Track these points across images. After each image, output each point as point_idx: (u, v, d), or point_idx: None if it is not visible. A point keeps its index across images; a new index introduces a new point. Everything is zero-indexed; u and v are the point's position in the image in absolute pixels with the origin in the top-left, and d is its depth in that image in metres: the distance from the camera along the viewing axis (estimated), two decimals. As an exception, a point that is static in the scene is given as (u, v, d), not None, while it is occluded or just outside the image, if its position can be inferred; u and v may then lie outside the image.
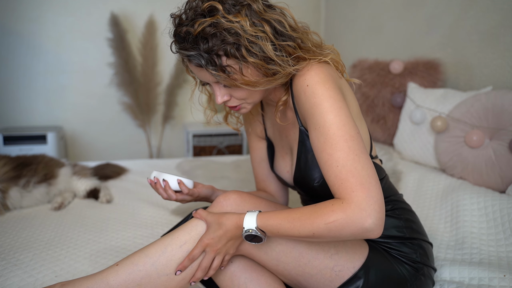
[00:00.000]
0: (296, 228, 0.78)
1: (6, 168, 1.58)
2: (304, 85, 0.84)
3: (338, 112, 0.81)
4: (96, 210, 1.61)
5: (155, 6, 3.24)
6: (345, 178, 0.76)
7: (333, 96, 0.82)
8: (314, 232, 0.77)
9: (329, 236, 0.77)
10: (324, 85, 0.83)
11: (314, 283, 0.90)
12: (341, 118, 0.81)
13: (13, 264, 1.16)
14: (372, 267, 0.90)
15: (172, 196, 1.06)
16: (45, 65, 3.11)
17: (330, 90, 0.83)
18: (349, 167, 0.77)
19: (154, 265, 0.86)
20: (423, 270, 0.95)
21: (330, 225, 0.75)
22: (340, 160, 0.78)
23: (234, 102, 0.92)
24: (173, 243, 0.88)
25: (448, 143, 1.61)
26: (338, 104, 0.82)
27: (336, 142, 0.79)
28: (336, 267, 0.89)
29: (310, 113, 0.84)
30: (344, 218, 0.74)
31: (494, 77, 1.74)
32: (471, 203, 1.35)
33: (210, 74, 0.84)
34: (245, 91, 0.88)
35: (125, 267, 0.86)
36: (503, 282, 1.00)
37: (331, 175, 0.78)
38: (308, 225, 0.77)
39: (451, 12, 2.00)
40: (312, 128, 0.83)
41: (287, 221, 0.80)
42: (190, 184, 1.08)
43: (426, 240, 1.01)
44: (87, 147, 3.33)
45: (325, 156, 0.80)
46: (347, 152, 0.78)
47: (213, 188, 1.14)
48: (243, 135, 3.38)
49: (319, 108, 0.82)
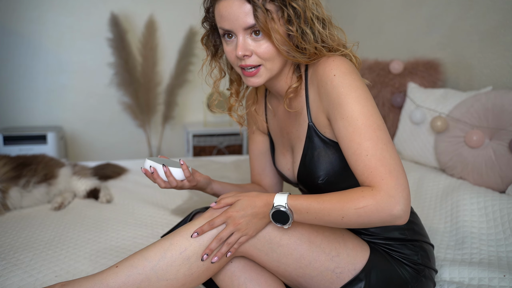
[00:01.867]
0: (326, 211, 0.79)
1: (6, 168, 1.58)
2: (331, 75, 0.85)
3: (365, 103, 0.82)
4: (96, 210, 1.61)
5: (155, 6, 3.24)
6: (374, 167, 0.78)
7: (360, 86, 0.84)
8: (344, 216, 0.78)
9: (357, 222, 0.78)
10: (351, 75, 0.84)
11: (314, 285, 0.90)
12: (368, 109, 0.82)
13: (13, 264, 1.16)
14: (373, 269, 0.90)
15: (173, 182, 0.99)
16: (45, 65, 3.11)
17: (357, 81, 0.84)
18: (378, 156, 0.78)
19: (153, 269, 0.85)
20: (425, 272, 0.95)
21: (360, 210, 0.76)
22: (370, 149, 0.79)
23: (254, 61, 0.88)
24: (172, 249, 0.86)
25: (448, 143, 1.61)
26: (365, 94, 0.83)
27: (365, 132, 0.80)
28: (337, 269, 0.89)
29: (337, 102, 0.84)
30: (374, 204, 0.75)
31: (494, 77, 1.74)
32: (471, 203, 1.35)
33: (251, 11, 0.82)
34: (270, 49, 0.86)
35: (124, 269, 0.85)
36: (503, 282, 1.00)
37: (360, 164, 0.80)
38: (338, 209, 0.78)
39: (451, 12, 2.00)
40: (339, 117, 0.84)
41: (317, 202, 0.80)
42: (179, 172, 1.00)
43: (427, 242, 1.01)
44: (87, 147, 3.34)
45: (353, 146, 0.81)
46: (375, 141, 0.79)
47: (210, 178, 1.09)
48: (244, 135, 3.38)
49: (347, 98, 0.82)
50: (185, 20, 3.30)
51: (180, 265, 0.85)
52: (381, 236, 0.97)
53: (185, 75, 3.32)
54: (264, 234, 0.88)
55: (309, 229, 0.90)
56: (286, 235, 0.88)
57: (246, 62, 0.88)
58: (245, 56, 0.87)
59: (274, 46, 0.86)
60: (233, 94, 1.06)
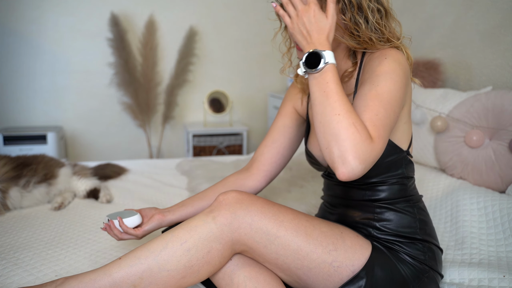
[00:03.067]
0: (337, 96, 0.84)
1: (6, 168, 1.58)
2: (383, 57, 0.92)
3: (397, 87, 0.89)
4: (96, 210, 1.61)
5: (155, 6, 3.24)
6: (376, 125, 0.84)
7: (401, 75, 0.90)
8: (340, 113, 0.82)
9: (342, 129, 0.81)
10: (400, 65, 0.91)
11: (313, 277, 0.91)
12: (395, 94, 0.88)
13: (14, 263, 1.16)
14: (374, 267, 0.90)
15: (118, 235, 1.10)
16: (45, 65, 3.11)
17: (401, 71, 0.90)
18: (383, 121, 0.85)
19: (155, 259, 0.88)
20: (428, 273, 0.95)
21: (354, 128, 0.80)
22: (380, 113, 0.85)
23: None
24: (174, 240, 0.89)
25: (448, 143, 1.61)
26: (400, 83, 0.89)
27: (385, 102, 0.86)
28: (335, 263, 0.90)
29: (376, 74, 0.90)
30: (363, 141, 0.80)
31: (494, 77, 1.74)
32: (471, 203, 1.35)
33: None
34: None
35: (128, 260, 0.89)
36: (502, 282, 1.00)
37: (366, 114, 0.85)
38: (343, 103, 0.83)
39: (451, 12, 2.00)
40: (369, 82, 0.90)
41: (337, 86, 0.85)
42: (132, 221, 1.10)
43: (437, 245, 1.01)
44: (87, 147, 3.34)
45: (369, 104, 0.86)
46: (388, 113, 0.86)
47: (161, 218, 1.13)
48: (243, 134, 3.38)
49: (385, 75, 0.89)
50: (185, 20, 3.30)
51: (181, 256, 0.88)
52: (392, 232, 0.97)
53: (185, 75, 3.32)
54: (261, 226, 0.90)
55: (306, 223, 0.93)
56: (283, 227, 0.90)
57: None
58: None
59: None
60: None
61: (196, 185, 1.84)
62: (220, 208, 0.92)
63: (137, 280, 0.87)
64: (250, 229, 0.90)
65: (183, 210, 1.15)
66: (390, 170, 0.98)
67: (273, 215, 0.92)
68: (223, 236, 0.90)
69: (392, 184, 0.99)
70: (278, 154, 1.18)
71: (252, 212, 0.91)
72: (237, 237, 0.91)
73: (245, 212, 0.91)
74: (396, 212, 0.99)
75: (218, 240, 0.90)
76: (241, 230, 0.90)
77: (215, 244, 0.90)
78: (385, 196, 0.99)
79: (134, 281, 0.87)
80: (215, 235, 0.90)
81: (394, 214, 0.99)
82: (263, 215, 0.91)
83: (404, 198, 1.00)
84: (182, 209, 1.16)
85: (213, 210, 0.93)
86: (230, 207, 0.92)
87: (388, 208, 0.99)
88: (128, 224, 1.09)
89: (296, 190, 1.76)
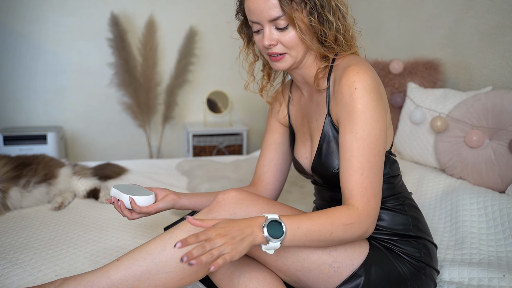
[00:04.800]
0: (317, 227, 0.82)
1: (6, 168, 1.58)
2: (353, 87, 0.90)
3: (375, 125, 0.89)
4: (96, 210, 1.61)
5: (155, 6, 3.24)
6: (365, 188, 0.86)
7: (376, 106, 0.89)
8: (333, 232, 0.83)
9: (343, 237, 0.84)
10: (371, 93, 0.89)
11: (313, 279, 0.91)
12: (376, 132, 0.89)
13: (14, 263, 1.16)
14: (372, 265, 0.91)
15: (128, 216, 1.03)
16: (45, 65, 3.11)
17: (374, 100, 0.89)
18: (371, 179, 0.87)
19: (154, 261, 0.88)
20: (425, 270, 0.95)
21: (348, 227, 0.83)
22: (366, 170, 0.87)
23: (279, 49, 0.95)
24: (172, 242, 0.89)
25: (448, 143, 1.61)
26: (377, 116, 0.89)
27: (367, 153, 0.88)
28: (335, 263, 0.90)
29: (351, 116, 0.89)
30: (359, 222, 0.84)
31: (494, 77, 1.74)
32: (470, 203, 1.35)
33: (277, 4, 0.89)
34: (293, 38, 0.93)
35: (126, 262, 0.88)
36: (502, 282, 1.00)
37: (353, 179, 0.87)
38: (328, 224, 0.83)
39: (451, 12, 2.00)
40: (348, 130, 0.89)
41: (307, 218, 0.83)
42: (147, 200, 1.02)
43: (431, 240, 1.02)
44: (87, 147, 3.34)
45: (353, 161, 0.88)
46: (373, 165, 0.88)
47: (176, 198, 1.08)
48: (243, 134, 3.38)
49: (361, 116, 0.88)
50: (185, 20, 3.30)
51: (179, 257, 0.86)
52: (387, 231, 0.97)
53: (185, 75, 3.32)
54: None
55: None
56: None
57: (272, 50, 0.96)
58: (271, 45, 0.94)
59: (298, 35, 0.93)
60: (265, 76, 1.14)
61: (196, 185, 1.84)
62: (219, 209, 0.92)
63: (135, 282, 0.87)
64: None
65: (197, 198, 1.11)
66: None
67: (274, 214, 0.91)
68: None
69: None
70: (278, 171, 1.19)
71: (252, 213, 0.91)
72: None
73: (245, 213, 0.91)
74: (387, 211, 0.99)
75: None
76: None
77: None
78: None
79: (132, 283, 0.87)
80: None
81: (385, 213, 0.99)
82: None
83: (392, 196, 1.01)
84: (197, 198, 1.11)
85: (211, 210, 0.93)
86: (229, 208, 0.92)
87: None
88: (141, 204, 1.02)
89: (296, 190, 1.76)
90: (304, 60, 1.00)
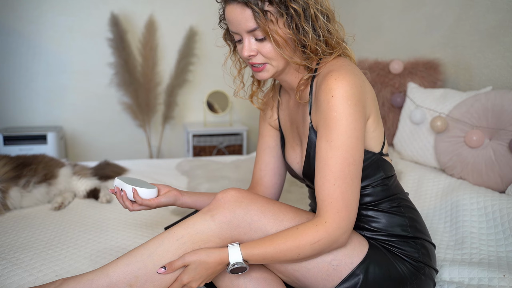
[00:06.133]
0: (283, 253, 0.85)
1: (6, 168, 1.58)
2: (329, 95, 0.87)
3: (352, 134, 0.86)
4: (96, 210, 1.61)
5: (155, 6, 3.24)
6: (336, 198, 0.85)
7: (353, 114, 0.86)
8: (300, 253, 0.85)
9: (311, 255, 0.86)
10: (348, 100, 0.86)
11: (312, 278, 0.90)
12: (352, 141, 0.86)
13: (14, 263, 1.16)
14: (371, 264, 0.90)
15: (129, 207, 1.04)
16: (45, 65, 3.11)
17: (351, 108, 0.86)
18: (342, 189, 0.85)
19: (150, 256, 0.88)
20: (424, 270, 0.95)
21: (315, 245, 0.84)
22: (338, 180, 0.86)
23: (260, 59, 0.93)
24: (170, 237, 0.90)
25: (448, 143, 1.61)
26: (354, 124, 0.86)
27: (341, 163, 0.86)
28: (334, 261, 0.89)
29: (327, 124, 0.87)
30: (326, 237, 0.84)
31: (494, 77, 1.74)
32: (470, 203, 1.35)
33: (251, 15, 0.87)
34: (272, 50, 0.91)
35: (124, 259, 0.89)
36: (502, 282, 1.00)
37: (325, 189, 0.86)
38: (294, 248, 0.84)
39: (451, 12, 2.00)
40: (324, 137, 0.88)
41: (272, 247, 0.85)
42: (150, 193, 1.05)
43: (429, 240, 1.01)
44: (87, 147, 3.34)
45: (326, 170, 0.87)
46: (346, 175, 0.86)
47: (178, 195, 1.10)
48: (243, 135, 3.38)
49: (336, 124, 0.86)
50: (185, 20, 3.30)
51: (176, 249, 0.89)
52: (384, 233, 0.97)
53: (185, 75, 3.32)
54: (261, 226, 0.90)
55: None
56: (283, 227, 0.90)
57: (252, 60, 0.94)
58: (250, 56, 0.93)
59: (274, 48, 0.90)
60: (255, 82, 1.12)
61: (196, 185, 1.84)
62: (219, 207, 0.92)
63: (132, 279, 0.87)
64: (250, 229, 0.90)
65: (198, 197, 1.12)
66: (369, 176, 0.97)
67: (273, 214, 0.92)
68: (222, 233, 0.90)
69: (375, 187, 0.98)
70: (275, 175, 1.19)
71: (251, 212, 0.91)
72: (236, 236, 0.91)
73: (244, 212, 0.91)
74: (383, 213, 0.98)
75: (217, 235, 0.90)
76: (240, 229, 0.90)
77: (214, 238, 0.90)
78: (370, 200, 0.98)
79: (130, 280, 0.87)
80: (214, 231, 0.90)
81: (382, 214, 0.98)
82: (263, 214, 0.91)
83: (388, 198, 0.99)
84: (198, 196, 1.13)
85: (211, 209, 0.93)
86: (229, 206, 0.92)
87: (374, 210, 0.98)
88: (143, 196, 1.04)
89: (296, 190, 1.76)
90: (287, 69, 0.98)
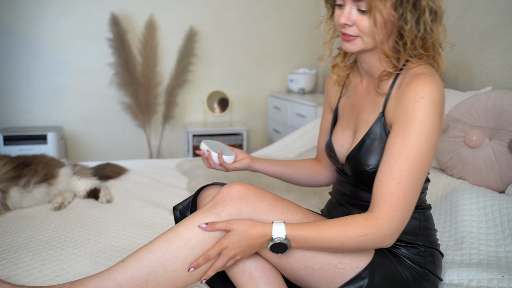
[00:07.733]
0: (327, 240, 0.83)
1: (6, 168, 1.58)
2: (419, 96, 0.85)
3: (430, 139, 0.85)
4: (96, 210, 1.61)
5: (155, 6, 3.24)
6: (396, 197, 0.83)
7: (436, 122, 0.85)
8: (344, 243, 0.83)
9: (356, 248, 0.84)
10: (435, 107, 0.85)
11: (316, 278, 0.90)
12: (427, 146, 0.84)
13: (14, 263, 1.16)
14: (377, 268, 0.90)
15: (212, 165, 1.20)
16: (45, 65, 3.11)
17: (437, 115, 0.85)
18: (406, 190, 0.83)
19: (159, 261, 0.87)
20: (428, 277, 0.95)
21: (361, 238, 0.82)
22: (403, 180, 0.83)
23: (353, 31, 0.92)
24: (176, 240, 0.88)
25: (448, 143, 1.61)
26: (434, 131, 0.85)
27: (412, 164, 0.84)
28: (340, 265, 0.89)
29: (408, 122, 0.85)
30: (375, 233, 0.82)
31: (494, 77, 1.74)
32: (470, 203, 1.35)
33: None
34: (369, 26, 0.89)
35: (131, 263, 0.88)
36: (501, 283, 1.00)
37: (387, 186, 0.84)
38: (340, 237, 0.83)
39: (451, 12, 2.00)
40: (401, 135, 0.86)
41: (317, 232, 0.84)
42: (229, 159, 1.21)
43: (437, 249, 1.01)
44: (87, 147, 3.34)
45: (393, 167, 0.84)
46: (413, 177, 0.84)
47: (250, 162, 1.21)
48: (243, 134, 3.38)
49: (418, 126, 0.84)
50: (185, 20, 3.30)
51: (186, 256, 0.87)
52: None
53: (185, 75, 3.32)
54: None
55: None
56: None
57: (346, 30, 0.92)
58: (346, 25, 0.91)
59: (372, 25, 0.89)
60: (340, 55, 1.11)
61: (196, 185, 1.84)
62: (224, 204, 0.90)
63: (142, 283, 0.86)
64: None
65: (268, 165, 1.23)
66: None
67: (281, 213, 0.91)
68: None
69: None
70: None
71: (258, 210, 0.90)
72: None
73: (251, 209, 0.90)
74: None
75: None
76: None
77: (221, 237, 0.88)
78: None
79: (140, 284, 0.86)
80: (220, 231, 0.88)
81: None
82: (271, 213, 0.90)
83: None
84: (269, 164, 1.23)
85: (216, 205, 0.91)
86: (235, 203, 0.90)
87: None
88: (225, 160, 1.20)
89: (296, 190, 1.76)
90: (373, 51, 0.96)
